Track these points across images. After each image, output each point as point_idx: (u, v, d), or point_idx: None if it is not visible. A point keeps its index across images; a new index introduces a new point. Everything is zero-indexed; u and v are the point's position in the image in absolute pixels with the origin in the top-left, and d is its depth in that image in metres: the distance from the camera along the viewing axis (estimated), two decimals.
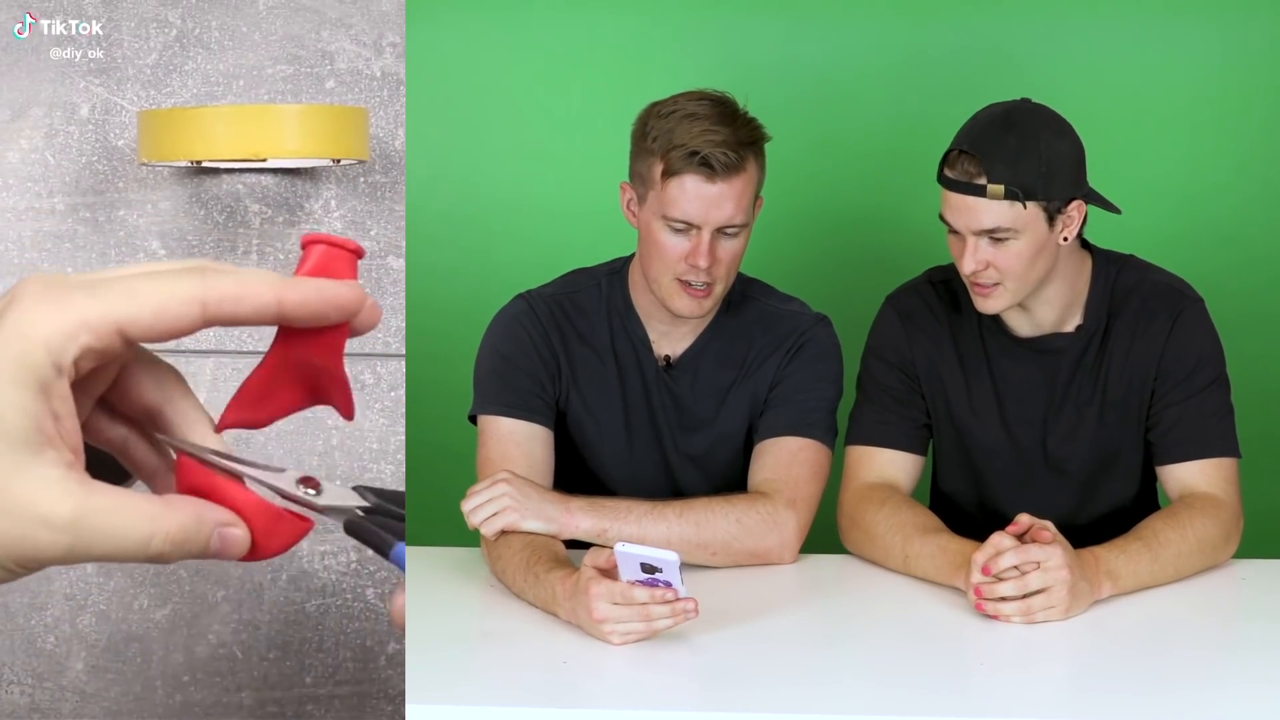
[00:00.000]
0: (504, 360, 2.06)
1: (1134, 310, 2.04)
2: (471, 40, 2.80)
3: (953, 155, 1.93)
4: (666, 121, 1.93)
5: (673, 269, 1.97)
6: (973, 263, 1.94)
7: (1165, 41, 2.76)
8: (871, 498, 2.02)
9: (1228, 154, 2.79)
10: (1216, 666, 1.70)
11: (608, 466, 2.11)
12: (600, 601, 1.64)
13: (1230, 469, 2.01)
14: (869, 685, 1.60)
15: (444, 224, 2.83)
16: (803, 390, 2.05)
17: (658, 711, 1.55)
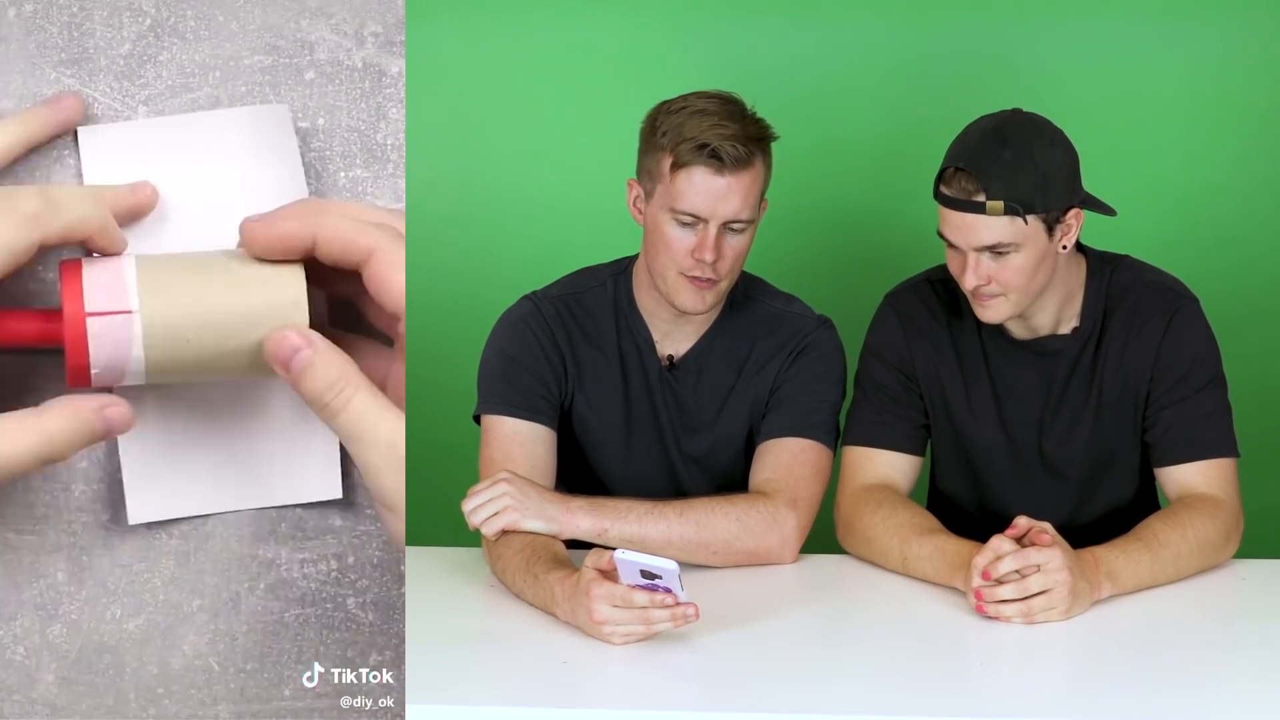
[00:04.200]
0: (510, 361, 2.07)
1: (1128, 310, 2.05)
2: (471, 40, 2.81)
3: (948, 173, 1.94)
4: (676, 117, 1.96)
5: (679, 264, 1.98)
6: (974, 278, 1.95)
7: (1164, 42, 2.77)
8: (869, 499, 2.02)
9: (1226, 155, 2.80)
10: (1216, 666, 1.72)
11: (610, 466, 2.12)
12: (600, 603, 1.66)
13: (1229, 469, 2.02)
14: (869, 685, 1.61)
15: (444, 224, 2.83)
16: (805, 392, 2.07)
17: (658, 711, 1.56)
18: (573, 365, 2.11)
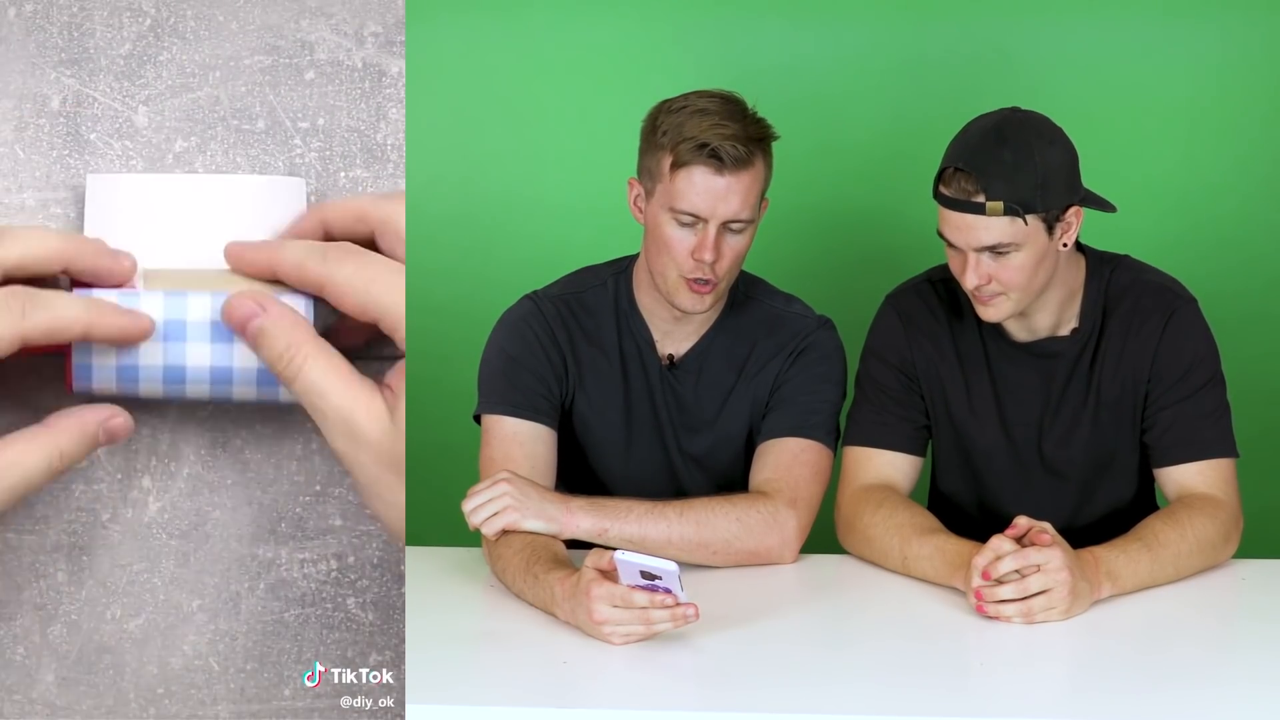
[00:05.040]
0: (511, 361, 2.07)
1: (1126, 311, 2.05)
2: (471, 40, 2.81)
3: (948, 173, 1.94)
4: (677, 116, 1.97)
5: (678, 264, 1.98)
6: (975, 278, 1.95)
7: (1165, 42, 2.77)
8: (869, 499, 2.02)
9: (1227, 154, 2.80)
10: (1216, 666, 1.73)
11: (611, 466, 2.12)
12: (600, 604, 1.66)
13: (1228, 469, 2.02)
14: (869, 685, 1.62)
15: (444, 224, 2.83)
16: (805, 392, 2.07)
17: (658, 711, 1.57)
18: (573, 365, 2.11)
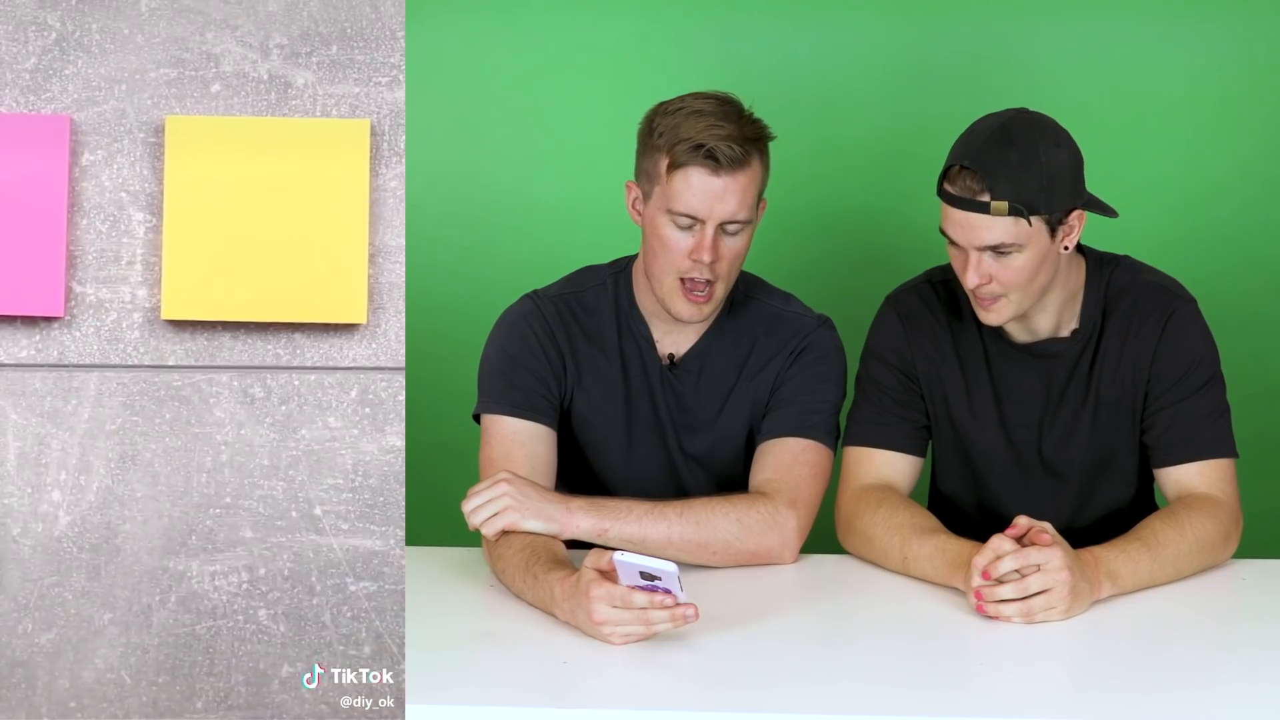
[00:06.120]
0: (510, 360, 2.07)
1: (1125, 311, 2.05)
2: (471, 40, 2.81)
3: (953, 171, 1.94)
4: (673, 118, 1.98)
5: (676, 266, 1.98)
6: (976, 277, 1.95)
7: (1165, 42, 2.78)
8: (869, 499, 2.03)
9: (1227, 155, 2.81)
10: (1216, 666, 1.74)
11: (611, 466, 2.13)
12: (600, 604, 1.67)
13: (1227, 469, 2.03)
14: (869, 685, 1.62)
15: (444, 224, 2.83)
16: (805, 392, 2.07)
17: (658, 711, 1.57)
18: (573, 364, 2.11)
